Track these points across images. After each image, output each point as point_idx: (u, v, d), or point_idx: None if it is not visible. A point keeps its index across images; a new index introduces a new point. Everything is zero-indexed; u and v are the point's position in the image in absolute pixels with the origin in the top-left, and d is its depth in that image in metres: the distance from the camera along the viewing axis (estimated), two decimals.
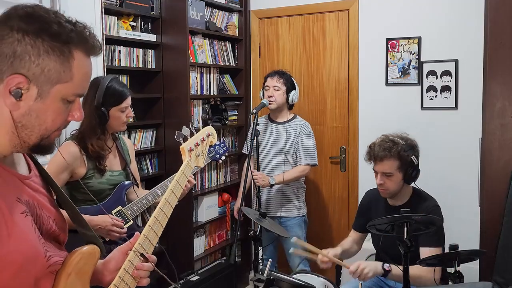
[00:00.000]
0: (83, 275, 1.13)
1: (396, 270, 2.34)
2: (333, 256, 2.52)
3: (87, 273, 1.14)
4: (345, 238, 2.85)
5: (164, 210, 1.31)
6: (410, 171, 2.52)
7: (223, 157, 2.72)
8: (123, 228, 2.27)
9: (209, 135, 1.57)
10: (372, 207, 2.75)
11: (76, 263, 1.11)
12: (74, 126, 2.35)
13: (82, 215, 2.16)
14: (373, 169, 2.61)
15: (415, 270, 2.33)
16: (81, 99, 2.18)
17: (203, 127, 1.57)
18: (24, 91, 0.98)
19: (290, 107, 3.53)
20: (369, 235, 2.81)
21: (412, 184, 2.61)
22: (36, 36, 0.97)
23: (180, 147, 1.44)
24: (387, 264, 2.37)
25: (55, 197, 1.20)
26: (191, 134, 1.48)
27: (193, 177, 2.39)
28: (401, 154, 2.50)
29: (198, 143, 1.50)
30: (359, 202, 3.88)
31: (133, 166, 2.54)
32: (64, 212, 1.20)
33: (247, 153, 3.43)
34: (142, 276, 1.23)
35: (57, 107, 1.03)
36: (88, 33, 1.05)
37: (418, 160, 2.56)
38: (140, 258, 1.23)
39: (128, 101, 2.33)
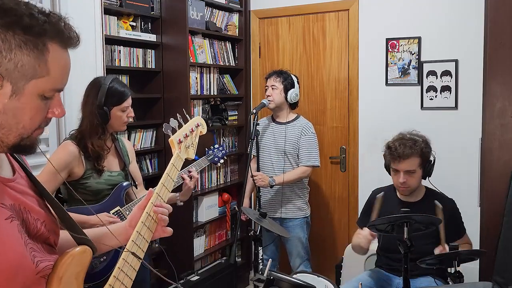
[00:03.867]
0: (76, 278, 1.09)
1: None
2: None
3: (79, 275, 1.10)
4: (352, 235, 2.86)
5: (155, 204, 1.30)
6: (429, 167, 2.60)
7: (222, 161, 2.73)
8: None
9: (198, 125, 1.54)
10: (384, 205, 2.72)
11: (68, 266, 1.07)
12: (74, 126, 2.35)
13: (81, 215, 2.16)
14: (394, 168, 2.62)
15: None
16: (81, 99, 2.15)
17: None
18: None
19: (292, 106, 3.51)
20: None
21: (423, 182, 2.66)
22: (7, 30, 0.91)
23: (169, 139, 1.40)
24: None
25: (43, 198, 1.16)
26: (180, 126, 1.45)
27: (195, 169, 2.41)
28: (423, 151, 2.58)
29: (187, 134, 1.46)
30: (359, 202, 3.91)
31: (133, 167, 2.53)
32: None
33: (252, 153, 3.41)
34: (162, 220, 1.29)
35: (34, 104, 0.97)
36: (63, 24, 0.99)
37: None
38: (137, 256, 1.22)
39: (129, 101, 2.34)
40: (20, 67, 0.93)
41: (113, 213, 2.29)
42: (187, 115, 1.53)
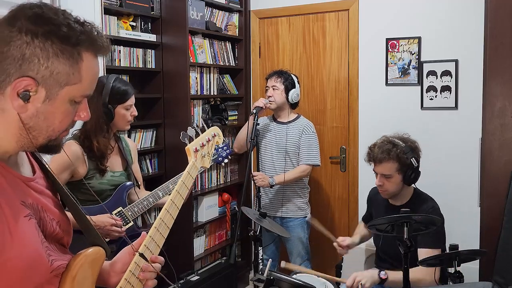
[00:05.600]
0: (89, 278, 1.11)
1: (393, 276, 2.34)
2: (350, 243, 2.66)
3: (92, 275, 1.12)
4: (356, 227, 2.94)
5: (170, 211, 1.30)
6: (410, 173, 2.52)
7: (226, 160, 2.71)
8: (121, 227, 2.26)
9: (215, 135, 1.56)
10: (374, 204, 2.79)
11: (81, 266, 1.09)
12: (77, 125, 2.35)
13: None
14: (373, 170, 2.62)
15: (416, 273, 2.31)
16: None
17: (205, 127, 1.56)
18: (32, 94, 0.97)
19: (293, 106, 3.51)
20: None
21: (414, 185, 2.61)
22: (46, 39, 0.96)
23: (186, 147, 1.43)
24: (383, 272, 2.37)
25: (59, 198, 1.19)
26: (197, 135, 1.48)
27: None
28: (400, 156, 2.50)
29: (204, 144, 1.49)
30: (359, 202, 3.92)
31: (135, 167, 2.53)
32: (69, 213, 1.19)
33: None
34: (148, 278, 1.22)
35: (64, 109, 1.02)
36: (96, 33, 1.03)
37: (418, 163, 2.55)
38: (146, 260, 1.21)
39: (133, 99, 2.35)
40: (56, 75, 0.98)
41: (115, 214, 2.29)
42: (196, 128, 1.53)
